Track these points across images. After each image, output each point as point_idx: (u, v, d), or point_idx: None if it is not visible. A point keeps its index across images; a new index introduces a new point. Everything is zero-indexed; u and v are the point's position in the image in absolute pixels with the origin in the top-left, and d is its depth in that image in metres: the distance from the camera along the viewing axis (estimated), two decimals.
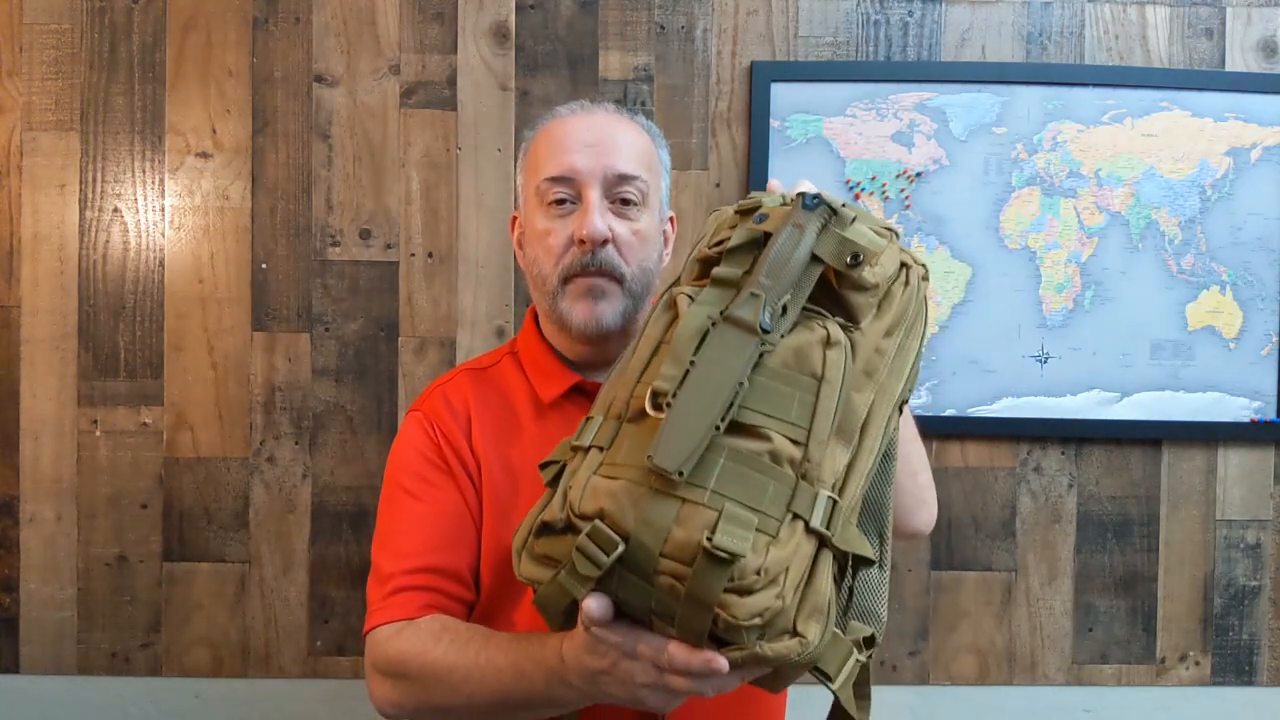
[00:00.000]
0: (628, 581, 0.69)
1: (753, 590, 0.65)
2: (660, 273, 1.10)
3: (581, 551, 0.68)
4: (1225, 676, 1.62)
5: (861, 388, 0.74)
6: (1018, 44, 1.60)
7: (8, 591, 1.58)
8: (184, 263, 1.58)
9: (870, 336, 0.75)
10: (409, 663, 0.92)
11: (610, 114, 1.07)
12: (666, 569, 0.67)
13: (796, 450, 0.69)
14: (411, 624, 0.95)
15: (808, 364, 0.71)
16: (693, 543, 0.66)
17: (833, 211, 0.75)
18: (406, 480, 1.04)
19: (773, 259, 0.72)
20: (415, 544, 1.00)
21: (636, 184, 1.02)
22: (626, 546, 0.67)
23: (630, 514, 0.68)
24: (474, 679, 0.87)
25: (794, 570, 0.67)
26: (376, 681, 0.96)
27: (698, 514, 0.67)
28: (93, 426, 1.57)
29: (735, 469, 0.68)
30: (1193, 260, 1.60)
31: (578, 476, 0.72)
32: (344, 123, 1.58)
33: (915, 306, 0.79)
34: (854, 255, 0.74)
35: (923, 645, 1.61)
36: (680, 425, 0.67)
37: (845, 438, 0.73)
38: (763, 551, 0.66)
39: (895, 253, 0.78)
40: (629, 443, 0.71)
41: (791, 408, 0.70)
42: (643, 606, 0.69)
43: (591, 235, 0.99)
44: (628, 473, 0.70)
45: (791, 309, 0.72)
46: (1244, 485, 1.62)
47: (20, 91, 1.56)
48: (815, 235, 0.73)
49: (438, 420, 1.06)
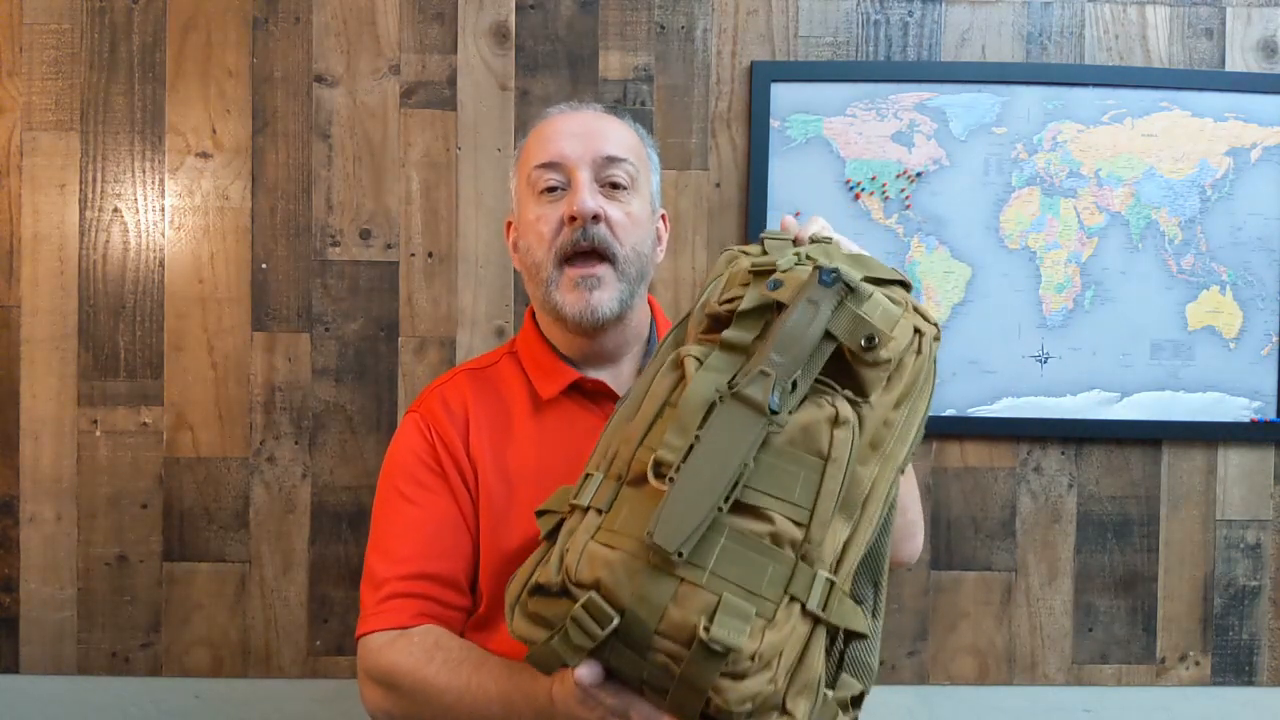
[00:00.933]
0: (621, 653, 0.69)
1: (746, 676, 0.66)
2: (655, 265, 1.10)
3: (576, 622, 0.68)
4: (1225, 676, 1.62)
5: (867, 461, 0.74)
6: (1018, 44, 1.60)
7: (8, 591, 1.58)
8: (184, 263, 1.58)
9: (879, 410, 0.74)
10: (401, 677, 0.93)
11: (597, 112, 1.10)
12: (661, 647, 0.67)
13: (798, 531, 0.69)
14: (405, 634, 0.96)
15: (814, 443, 0.71)
16: (689, 624, 0.66)
17: (849, 289, 0.73)
18: (403, 484, 1.04)
19: (785, 334, 0.71)
20: (410, 550, 1.00)
21: (625, 166, 1.03)
22: (621, 621, 0.67)
23: (627, 588, 0.68)
24: (464, 704, 0.88)
25: (788, 653, 0.68)
26: (368, 687, 0.97)
27: (695, 595, 0.67)
28: (93, 426, 1.57)
29: (735, 550, 0.68)
30: (1193, 260, 1.60)
31: (575, 539, 0.72)
32: (344, 123, 1.58)
33: (925, 371, 0.78)
34: (869, 338, 0.73)
35: (922, 645, 1.61)
36: (682, 503, 0.67)
37: (848, 513, 0.72)
38: (758, 637, 0.66)
39: (909, 321, 0.77)
40: (628, 510, 0.71)
41: (795, 488, 0.70)
42: (635, 676, 0.70)
43: (581, 210, 0.99)
44: (626, 544, 0.69)
45: (801, 384, 0.71)
46: (1244, 485, 1.62)
47: (20, 91, 1.56)
48: (830, 313, 0.72)
49: (435, 423, 1.06)
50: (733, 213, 1.59)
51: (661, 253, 1.13)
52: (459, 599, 1.01)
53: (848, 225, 1.57)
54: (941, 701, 1.61)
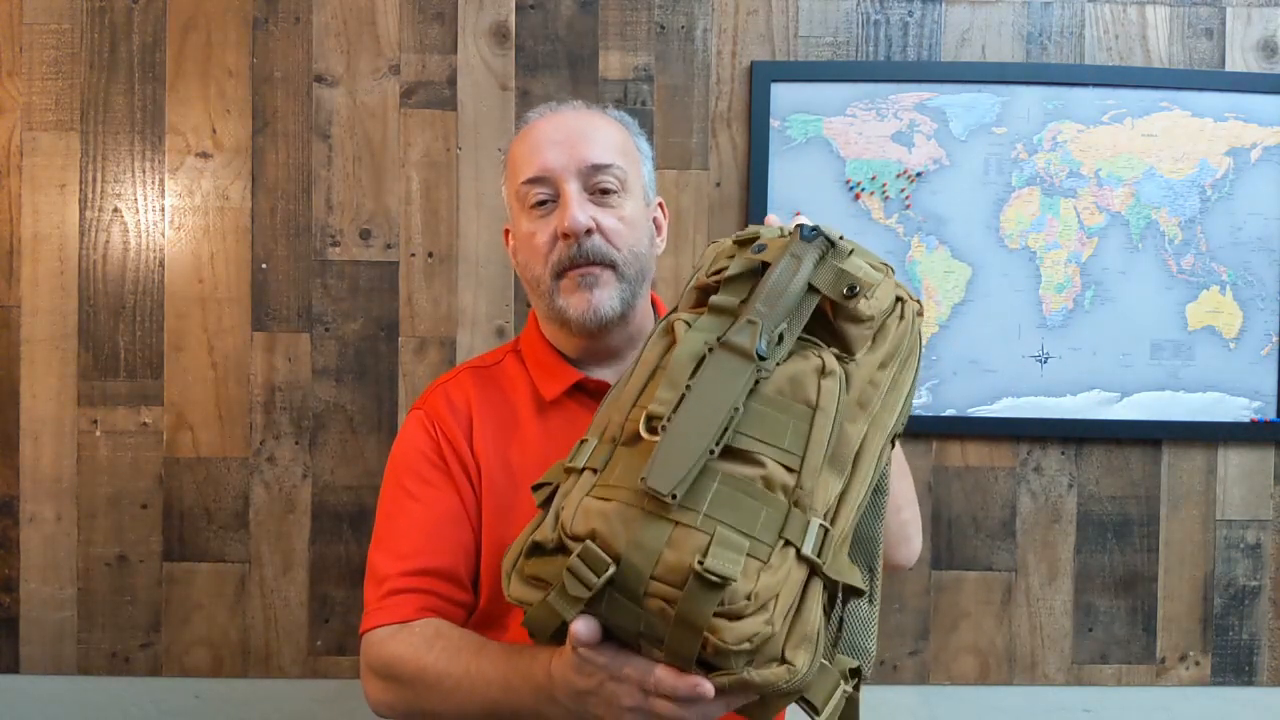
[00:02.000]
0: (617, 603, 0.69)
1: (743, 615, 0.65)
2: (654, 258, 1.10)
3: (572, 572, 0.68)
4: (1225, 676, 1.62)
5: (855, 418, 0.75)
6: (1018, 44, 1.60)
7: (8, 591, 1.58)
8: (184, 263, 1.58)
9: (865, 368, 0.76)
10: (402, 667, 0.93)
11: (578, 110, 1.07)
12: (656, 591, 0.67)
13: (790, 477, 0.70)
14: (406, 627, 0.96)
15: (802, 392, 0.72)
16: (684, 565, 0.66)
17: (830, 243, 0.75)
18: (406, 480, 1.04)
19: (770, 288, 0.73)
20: (413, 545, 1.00)
21: (612, 171, 1.02)
22: (617, 568, 0.67)
23: (622, 535, 0.68)
24: (464, 689, 0.88)
25: (784, 597, 0.67)
26: (371, 682, 0.97)
27: (690, 537, 0.67)
28: (93, 426, 1.57)
29: (728, 494, 0.68)
30: (1193, 260, 1.60)
31: (570, 498, 0.72)
32: (344, 123, 1.58)
33: (909, 341, 0.80)
34: (850, 287, 0.75)
35: (923, 645, 1.61)
36: (674, 448, 0.68)
37: (838, 467, 0.73)
38: (754, 577, 0.66)
39: (891, 287, 0.79)
40: (623, 465, 0.72)
41: (785, 435, 0.70)
42: (631, 629, 0.69)
43: (573, 227, 0.99)
44: (621, 495, 0.70)
45: (788, 338, 0.73)
46: (1244, 485, 1.62)
47: (20, 91, 1.56)
48: (813, 266, 0.74)
49: (439, 420, 1.06)
50: (733, 212, 1.59)
51: (662, 242, 1.13)
52: (461, 594, 1.01)
53: (848, 225, 1.57)
54: (942, 701, 1.61)
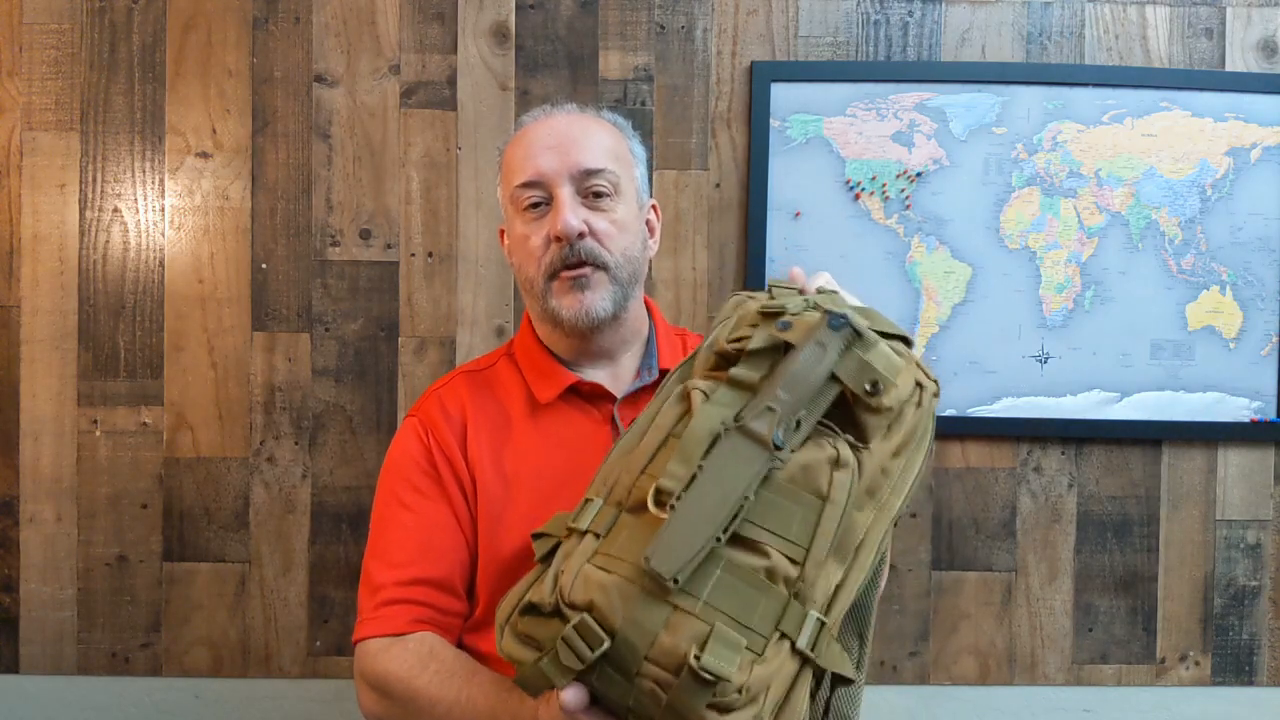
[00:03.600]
0: (609, 678, 0.69)
1: (733, 709, 0.66)
2: (647, 260, 1.10)
3: (566, 643, 0.68)
4: (1225, 676, 1.62)
5: (863, 506, 0.74)
6: (1018, 44, 1.60)
7: (8, 591, 1.57)
8: (184, 263, 1.58)
9: (877, 457, 0.75)
10: (394, 685, 0.94)
11: (572, 114, 1.08)
12: (649, 673, 0.67)
13: (793, 569, 0.70)
14: (400, 641, 0.97)
15: (814, 483, 0.71)
16: (679, 652, 0.66)
17: (857, 334, 0.74)
18: (400, 489, 1.05)
19: (792, 374, 0.72)
20: (406, 555, 1.01)
21: (605, 175, 1.03)
22: (612, 644, 0.68)
23: (620, 612, 0.68)
24: (453, 716, 0.90)
25: (775, 689, 0.68)
26: (364, 692, 0.98)
27: (687, 623, 0.67)
28: (93, 426, 1.57)
29: (730, 582, 0.68)
30: (1193, 260, 1.60)
31: (571, 561, 0.72)
32: (344, 123, 1.57)
33: (924, 425, 0.79)
34: (873, 383, 0.74)
35: (923, 646, 1.61)
36: (681, 531, 0.68)
37: (841, 557, 0.73)
38: (747, 670, 0.66)
39: (911, 373, 0.78)
40: (627, 535, 0.71)
41: (793, 526, 0.70)
42: (620, 703, 0.70)
43: (565, 231, 1.00)
44: (622, 568, 0.70)
45: (805, 424, 0.72)
46: (1244, 485, 1.62)
47: (20, 91, 1.56)
48: (837, 356, 0.73)
49: (433, 428, 1.06)
50: (733, 213, 1.59)
51: (655, 244, 1.13)
52: (455, 604, 1.02)
53: (848, 225, 1.57)
54: (942, 701, 1.61)
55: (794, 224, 1.57)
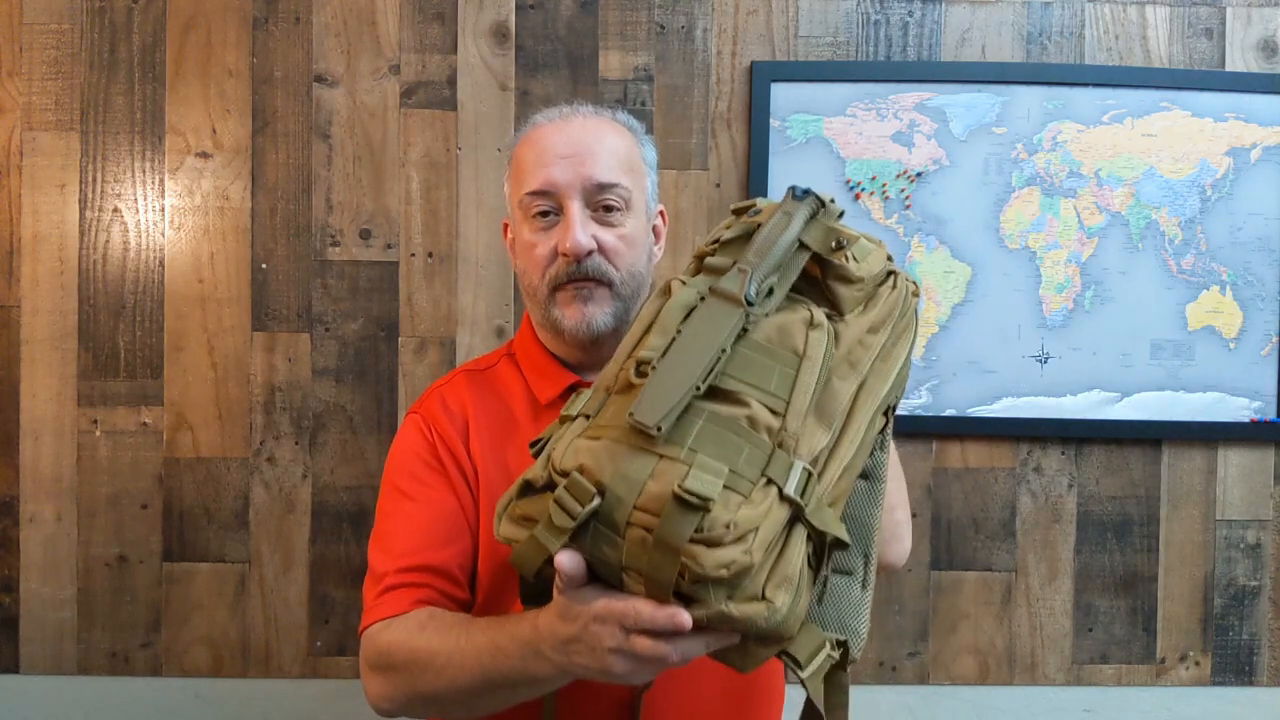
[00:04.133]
0: (601, 536, 0.70)
1: (720, 543, 0.66)
2: (653, 269, 1.10)
3: (558, 503, 0.69)
4: (1225, 676, 1.62)
5: (844, 376, 0.76)
6: (1018, 44, 1.60)
7: (8, 591, 1.57)
8: (184, 263, 1.58)
9: (854, 328, 0.77)
10: (395, 652, 0.93)
11: (588, 118, 1.06)
12: (639, 521, 0.68)
13: (774, 419, 0.71)
14: (400, 618, 0.96)
15: (790, 340, 0.73)
16: (666, 494, 0.67)
17: (821, 203, 0.77)
18: (402, 481, 1.05)
19: (760, 241, 0.75)
20: (408, 543, 1.01)
21: (618, 191, 1.02)
22: (602, 498, 0.69)
23: (608, 468, 0.69)
24: (455, 662, 0.88)
25: (764, 531, 0.67)
26: (369, 678, 0.97)
27: (673, 469, 0.68)
28: (93, 426, 1.57)
29: (713, 430, 0.70)
30: (1193, 260, 1.60)
31: (562, 440, 0.74)
32: (344, 123, 1.57)
33: (903, 313, 0.81)
34: (837, 241, 0.77)
35: (923, 646, 1.61)
36: (662, 386, 0.70)
37: (825, 420, 0.74)
38: (733, 508, 0.67)
39: (882, 256, 0.81)
40: (614, 408, 0.73)
41: (772, 379, 0.72)
42: (615, 563, 0.70)
43: (574, 250, 0.99)
44: (609, 433, 0.71)
45: (777, 291, 0.75)
46: (1244, 485, 1.62)
47: (20, 91, 1.56)
48: (803, 222, 0.76)
49: (435, 423, 1.06)
50: None
51: (660, 250, 1.14)
52: (457, 590, 1.02)
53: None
54: (942, 701, 1.61)
55: None
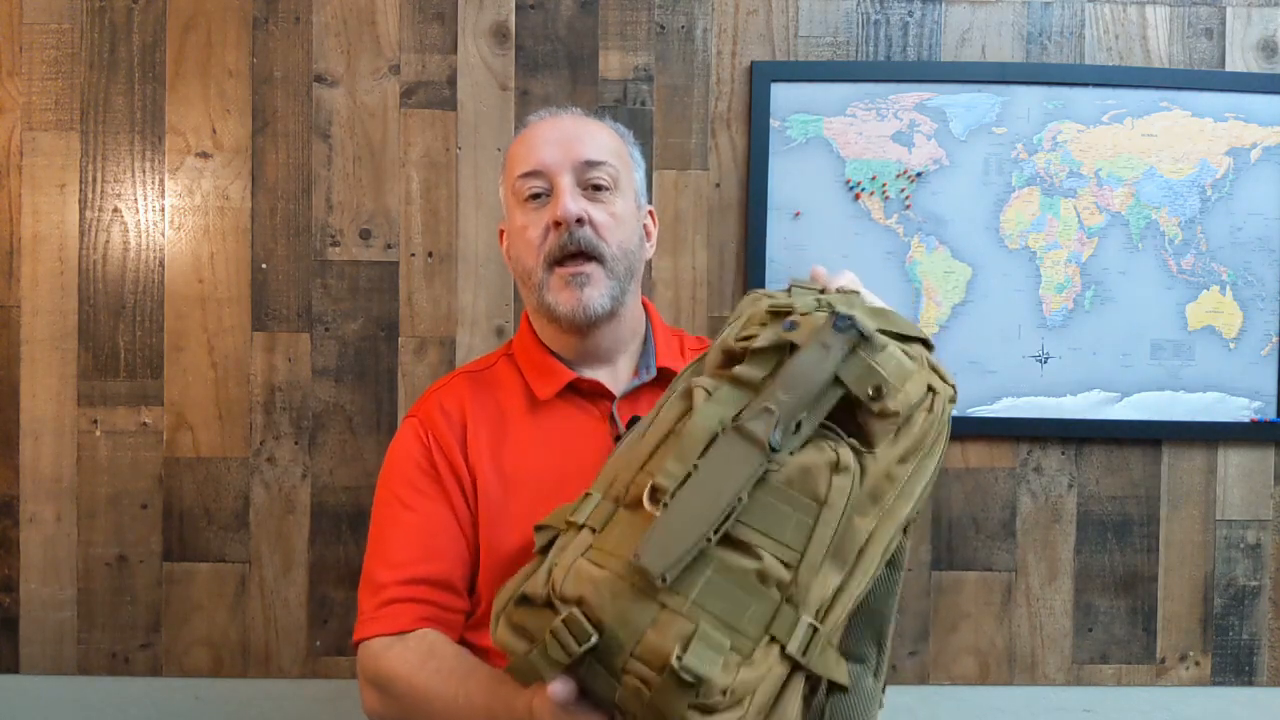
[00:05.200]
0: (596, 672, 0.69)
1: (715, 710, 0.65)
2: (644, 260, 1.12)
3: (555, 636, 0.69)
4: (1225, 676, 1.62)
5: (865, 512, 0.73)
6: (1018, 44, 1.60)
7: (8, 591, 1.57)
8: (184, 263, 1.57)
9: (883, 462, 0.74)
10: (395, 682, 0.95)
11: (576, 115, 1.11)
12: (635, 670, 0.67)
13: (786, 573, 0.69)
14: (401, 639, 0.97)
15: (811, 486, 0.70)
16: (664, 650, 0.66)
17: (863, 336, 0.72)
18: (400, 489, 1.05)
19: (793, 374, 0.71)
20: (408, 554, 1.01)
21: (605, 169, 1.05)
22: (600, 640, 0.68)
23: (609, 608, 0.68)
24: (451, 711, 0.90)
25: (761, 694, 0.67)
26: (366, 691, 0.99)
27: (675, 622, 0.67)
28: (93, 426, 1.57)
29: (720, 583, 0.68)
30: (1193, 260, 1.60)
31: (565, 554, 0.72)
32: (344, 123, 1.57)
33: (936, 430, 0.77)
34: (876, 388, 0.72)
35: (923, 646, 1.61)
36: (672, 529, 0.67)
37: (839, 561, 0.72)
38: (733, 671, 0.66)
39: (923, 377, 0.76)
40: (620, 531, 0.71)
41: (787, 529, 0.69)
42: (607, 698, 0.70)
43: (564, 215, 1.01)
44: (614, 564, 0.70)
45: (805, 426, 0.71)
46: (1244, 485, 1.62)
47: (20, 91, 1.56)
48: (840, 358, 0.71)
49: (433, 428, 1.07)
50: (733, 213, 1.59)
51: (651, 248, 1.15)
52: (456, 601, 1.02)
53: (848, 225, 1.57)
54: (942, 701, 1.61)
55: (794, 224, 1.57)
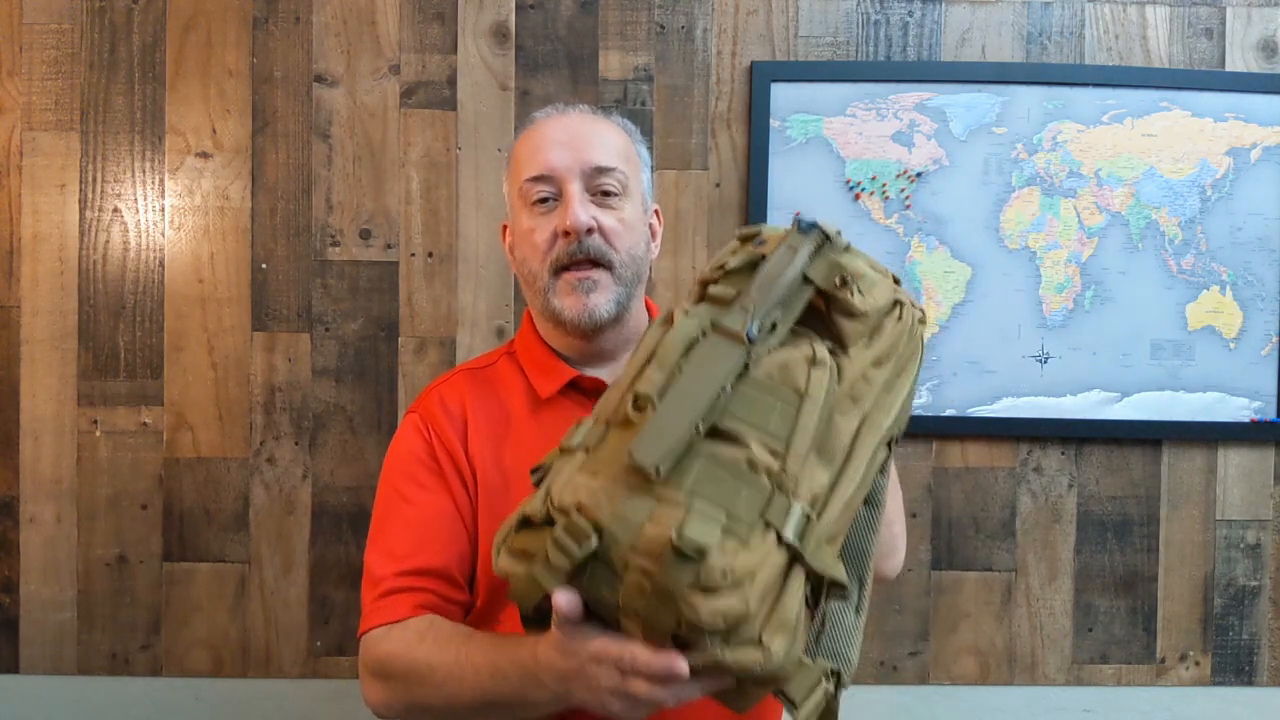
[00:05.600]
0: (598, 576, 0.69)
1: (718, 590, 0.65)
2: (650, 259, 1.11)
3: (556, 542, 0.69)
4: (1225, 676, 1.62)
5: (846, 412, 0.75)
6: (1018, 44, 1.60)
7: (8, 592, 1.57)
8: (184, 263, 1.57)
9: (858, 363, 0.76)
10: (394, 662, 0.94)
11: (584, 113, 1.09)
12: (636, 564, 0.67)
13: (774, 461, 0.70)
14: (400, 625, 0.97)
15: (791, 378, 0.72)
16: (664, 539, 0.66)
17: (826, 236, 0.76)
18: (400, 482, 1.05)
19: (764, 276, 0.74)
20: (406, 546, 1.01)
21: (615, 175, 1.04)
22: (600, 541, 0.68)
23: (606, 508, 0.68)
24: (454, 678, 0.89)
25: (761, 578, 0.67)
26: (367, 683, 0.98)
27: (671, 512, 0.67)
28: (93, 426, 1.57)
29: (712, 472, 0.69)
30: (1193, 260, 1.60)
31: (561, 475, 0.73)
32: (344, 123, 1.57)
33: (908, 345, 0.80)
34: (842, 279, 0.75)
35: (923, 646, 1.61)
36: (661, 426, 0.69)
37: (826, 458, 0.73)
38: (731, 554, 0.66)
39: (888, 288, 0.79)
40: (613, 444, 0.72)
41: (772, 418, 0.71)
42: (612, 603, 0.70)
43: (574, 225, 1.00)
44: (608, 470, 0.70)
45: (780, 327, 0.73)
46: (1244, 485, 1.62)
47: (20, 91, 1.56)
48: (807, 257, 0.75)
49: (433, 423, 1.06)
50: (733, 213, 1.59)
51: (656, 248, 1.14)
52: (455, 593, 1.02)
53: (848, 225, 1.57)
54: (942, 701, 1.61)
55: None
